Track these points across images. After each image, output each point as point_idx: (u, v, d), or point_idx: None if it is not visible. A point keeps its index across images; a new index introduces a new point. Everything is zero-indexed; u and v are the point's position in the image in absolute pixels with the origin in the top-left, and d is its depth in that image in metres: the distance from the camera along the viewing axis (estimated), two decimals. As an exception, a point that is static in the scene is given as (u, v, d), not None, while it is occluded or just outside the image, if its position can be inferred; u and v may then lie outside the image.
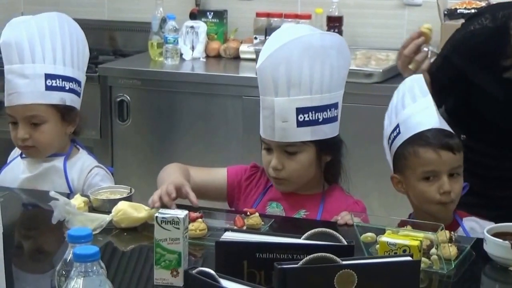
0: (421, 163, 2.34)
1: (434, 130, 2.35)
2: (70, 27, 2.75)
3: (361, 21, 4.32)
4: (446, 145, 2.33)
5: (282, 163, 2.43)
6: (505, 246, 2.04)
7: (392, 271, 1.67)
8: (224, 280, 1.53)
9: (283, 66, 2.35)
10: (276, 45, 2.37)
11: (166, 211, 1.96)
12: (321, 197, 2.50)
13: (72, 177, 2.72)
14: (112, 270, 2.06)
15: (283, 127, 2.39)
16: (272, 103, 2.39)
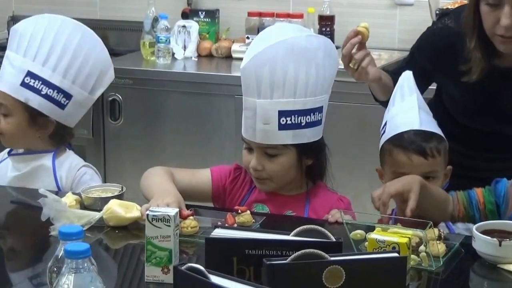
0: (394, 164, 2.38)
1: (411, 133, 2.37)
2: (84, 41, 2.71)
3: (353, 20, 4.31)
4: (418, 150, 2.34)
5: (261, 164, 2.42)
6: (493, 243, 2.05)
7: (379, 267, 1.69)
8: (214, 276, 1.54)
9: (267, 68, 2.33)
10: (261, 46, 2.35)
11: (157, 209, 1.97)
12: (306, 197, 2.51)
13: (60, 175, 2.73)
14: (103, 267, 2.06)
15: (265, 129, 2.37)
16: (254, 104, 2.37)
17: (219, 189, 2.54)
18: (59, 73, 2.67)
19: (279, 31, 2.46)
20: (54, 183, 2.71)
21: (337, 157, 3.20)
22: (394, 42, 4.27)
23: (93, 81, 2.74)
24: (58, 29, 2.68)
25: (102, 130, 4.18)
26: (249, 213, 2.32)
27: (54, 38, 2.67)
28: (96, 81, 2.75)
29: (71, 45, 2.69)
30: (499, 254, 2.05)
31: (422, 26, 4.02)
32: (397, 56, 4.04)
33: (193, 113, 4.06)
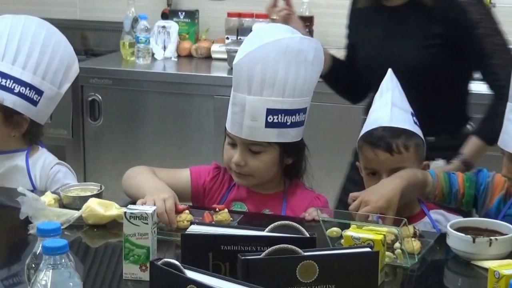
0: (364, 160, 2.43)
1: (380, 129, 2.41)
2: (49, 38, 2.73)
3: (331, 21, 4.35)
4: (384, 146, 2.38)
5: (245, 160, 2.45)
6: (467, 240, 2.07)
7: (352, 262, 1.72)
8: (189, 271, 1.56)
9: (259, 66, 2.36)
10: (255, 44, 2.38)
11: (134, 207, 1.99)
12: (283, 195, 2.53)
13: (35, 174, 2.74)
14: (81, 265, 2.09)
15: (252, 125, 2.41)
16: (244, 100, 2.40)
17: (198, 188, 2.56)
18: (30, 70, 2.69)
19: (273, 31, 2.49)
20: (29, 182, 2.72)
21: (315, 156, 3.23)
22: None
23: (61, 76, 2.77)
24: (23, 28, 2.69)
25: (82, 130, 4.19)
26: (227, 211, 2.34)
27: (21, 36, 2.68)
28: (63, 75, 2.78)
29: (38, 42, 2.70)
30: (473, 251, 2.07)
31: (399, 27, 4.09)
32: (375, 56, 4.06)
33: (173, 113, 4.08)
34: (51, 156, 2.83)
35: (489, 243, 2.06)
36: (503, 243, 2.08)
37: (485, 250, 2.06)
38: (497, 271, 1.86)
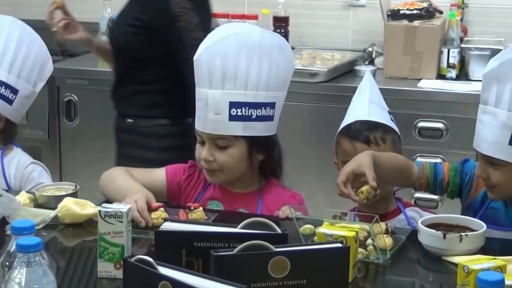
0: (342, 153, 2.47)
1: (358, 122, 2.46)
2: (23, 36, 2.76)
3: (307, 21, 4.38)
4: (362, 138, 2.43)
5: (212, 154, 2.45)
6: (438, 236, 2.11)
7: (323, 257, 1.73)
8: (163, 268, 1.57)
9: (219, 59, 2.38)
10: (214, 39, 2.41)
11: (109, 206, 2.00)
12: (259, 194, 2.54)
13: (9, 174, 2.74)
14: (56, 264, 2.09)
15: (215, 119, 2.41)
16: (206, 95, 2.41)
17: (173, 187, 2.57)
18: (5, 69, 2.70)
19: (234, 26, 2.53)
20: (4, 182, 2.72)
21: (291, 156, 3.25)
22: (347, 42, 4.33)
23: (36, 74, 2.80)
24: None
25: (58, 130, 4.18)
26: (202, 209, 2.35)
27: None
28: (38, 74, 2.80)
29: (12, 41, 2.72)
30: (444, 247, 2.11)
31: (374, 27, 4.14)
32: (350, 56, 4.10)
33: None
34: (25, 155, 2.84)
35: (460, 239, 2.09)
36: (473, 239, 2.11)
37: (456, 246, 2.09)
38: (467, 266, 1.90)
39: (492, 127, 2.23)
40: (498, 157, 2.23)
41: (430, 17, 3.90)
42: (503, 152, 2.22)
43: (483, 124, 2.26)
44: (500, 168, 2.25)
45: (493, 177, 2.27)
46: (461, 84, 3.74)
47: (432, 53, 3.83)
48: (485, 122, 2.25)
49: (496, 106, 2.22)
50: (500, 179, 2.26)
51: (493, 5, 4.11)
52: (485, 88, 2.27)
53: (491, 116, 2.24)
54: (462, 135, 3.57)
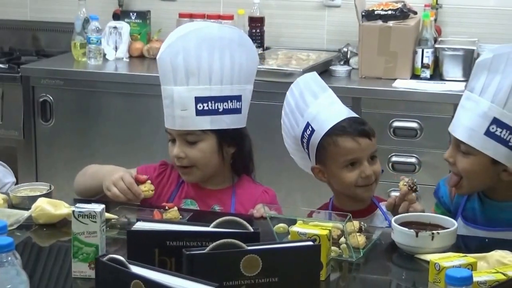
0: (342, 152, 2.43)
1: (348, 120, 2.45)
2: None
3: (282, 21, 4.40)
4: (362, 132, 2.44)
5: (183, 151, 2.48)
6: (410, 235, 2.13)
7: (295, 255, 1.75)
8: (135, 267, 1.58)
9: (181, 56, 2.41)
10: (175, 36, 2.44)
11: (83, 206, 2.00)
12: (232, 190, 2.56)
13: None
14: (30, 264, 2.09)
15: (183, 115, 2.44)
16: (172, 92, 2.45)
17: None
18: None
19: (193, 24, 2.56)
20: None
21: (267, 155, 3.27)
22: (322, 42, 4.35)
23: None
24: None
25: (33, 131, 4.16)
26: (176, 209, 2.36)
27: None
28: None
29: None
30: (416, 245, 2.13)
31: (349, 27, 4.17)
32: (325, 56, 4.12)
33: (125, 113, 4.08)
34: None
35: (432, 237, 2.11)
36: (445, 237, 2.14)
37: (428, 244, 2.11)
38: (438, 264, 1.92)
39: (472, 114, 2.26)
40: (471, 144, 2.26)
41: (404, 18, 3.92)
42: (476, 141, 2.25)
43: (464, 110, 2.29)
44: (468, 156, 2.28)
45: (460, 163, 2.30)
46: (435, 84, 3.77)
47: (407, 53, 3.86)
48: (466, 108, 2.29)
49: (481, 95, 2.26)
50: (465, 167, 2.29)
51: (467, 5, 4.14)
52: (474, 76, 2.30)
53: (474, 103, 2.27)
54: (437, 134, 3.60)
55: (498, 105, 2.23)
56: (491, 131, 2.24)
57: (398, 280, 2.15)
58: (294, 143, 2.55)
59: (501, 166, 2.27)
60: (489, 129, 2.23)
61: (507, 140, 2.23)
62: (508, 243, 2.19)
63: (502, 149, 2.24)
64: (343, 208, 2.45)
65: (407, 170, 3.67)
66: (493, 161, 2.27)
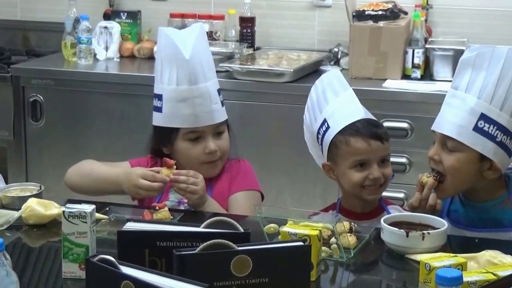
0: (352, 152, 2.43)
1: (363, 121, 2.45)
2: None
3: (273, 21, 4.40)
4: (375, 135, 2.43)
5: (217, 144, 2.55)
6: (401, 235, 2.13)
7: (285, 256, 1.75)
8: (125, 267, 1.58)
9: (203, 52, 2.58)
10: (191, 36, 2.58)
11: (73, 206, 2.00)
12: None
13: None
14: (21, 265, 2.09)
15: (216, 108, 2.56)
16: (206, 88, 2.53)
17: None
18: None
19: None
20: None
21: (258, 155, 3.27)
22: (313, 43, 4.35)
23: None
24: None
25: (24, 131, 4.15)
26: (167, 209, 2.36)
27: None
28: None
29: None
30: (406, 245, 2.13)
31: (339, 27, 4.17)
32: (315, 56, 4.12)
33: (116, 113, 4.07)
34: None
35: (422, 237, 2.12)
36: (435, 237, 2.14)
37: (418, 244, 2.12)
38: (428, 264, 1.92)
39: (459, 110, 2.28)
40: (460, 139, 2.27)
41: (395, 18, 3.93)
42: (465, 136, 2.26)
43: (450, 107, 2.31)
44: (455, 154, 2.29)
45: (446, 161, 2.31)
46: (426, 84, 3.78)
47: (397, 53, 3.87)
48: (452, 105, 2.30)
49: (467, 92, 2.28)
50: (453, 164, 2.30)
51: (457, 6, 4.16)
52: (459, 73, 2.32)
53: (460, 101, 2.28)
54: (427, 134, 3.56)
55: (485, 100, 2.25)
56: (479, 127, 2.25)
57: (389, 280, 2.15)
58: (312, 138, 2.57)
59: (486, 163, 2.29)
60: (478, 124, 2.25)
61: (494, 135, 2.25)
62: (498, 243, 2.20)
63: (490, 145, 2.26)
64: (350, 209, 2.46)
65: (398, 170, 3.67)
66: (480, 158, 2.28)
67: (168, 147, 2.61)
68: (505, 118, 2.26)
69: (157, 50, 2.65)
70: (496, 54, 2.28)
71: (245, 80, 3.79)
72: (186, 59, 2.50)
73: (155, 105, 2.63)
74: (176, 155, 2.58)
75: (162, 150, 2.63)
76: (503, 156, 2.29)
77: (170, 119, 2.56)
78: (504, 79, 2.26)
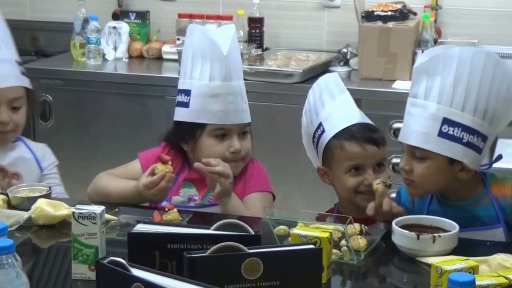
0: (347, 157, 2.43)
1: (358, 125, 2.45)
2: None
3: (281, 22, 4.39)
4: (370, 139, 2.42)
5: (241, 144, 2.55)
6: (411, 237, 2.12)
7: (296, 258, 1.74)
8: (136, 270, 1.57)
9: None
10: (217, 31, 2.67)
11: (83, 207, 1.99)
12: None
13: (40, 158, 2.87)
14: (30, 266, 2.09)
15: (245, 108, 2.58)
16: (239, 87, 2.55)
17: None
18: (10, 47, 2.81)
19: None
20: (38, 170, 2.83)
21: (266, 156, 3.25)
22: (322, 43, 4.35)
23: None
24: None
25: (33, 131, 4.15)
26: (176, 211, 2.36)
27: None
28: None
29: None
30: (417, 248, 2.12)
31: (348, 28, 4.16)
32: (325, 57, 4.11)
33: (124, 114, 4.07)
34: None
35: (433, 240, 2.11)
36: (446, 240, 2.13)
37: (429, 247, 2.11)
38: (439, 267, 1.91)
39: (421, 119, 2.26)
40: (426, 147, 2.25)
41: (404, 19, 3.92)
42: (431, 143, 2.25)
43: (412, 116, 2.29)
44: (424, 161, 2.28)
45: (417, 170, 2.29)
46: (435, 85, 3.76)
47: (406, 54, 3.86)
48: (414, 114, 2.28)
49: (426, 99, 2.26)
50: (424, 172, 2.28)
51: (467, 6, 4.14)
52: (415, 82, 2.30)
53: (420, 109, 2.27)
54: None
55: (445, 104, 2.24)
56: (443, 132, 2.24)
57: (399, 283, 2.14)
58: (309, 142, 2.56)
59: (457, 166, 2.28)
60: (442, 129, 2.24)
61: (460, 137, 2.24)
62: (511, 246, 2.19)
63: (458, 148, 2.24)
64: (348, 214, 2.44)
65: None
66: (450, 162, 2.27)
67: (190, 144, 2.59)
68: (468, 118, 2.24)
69: (187, 47, 2.61)
70: (448, 56, 2.25)
71: (253, 81, 3.79)
72: (224, 55, 2.50)
73: (180, 100, 2.59)
74: (198, 152, 2.56)
75: (181, 147, 2.62)
76: (474, 156, 2.26)
77: (198, 114, 2.54)
78: (460, 80, 2.23)
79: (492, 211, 2.34)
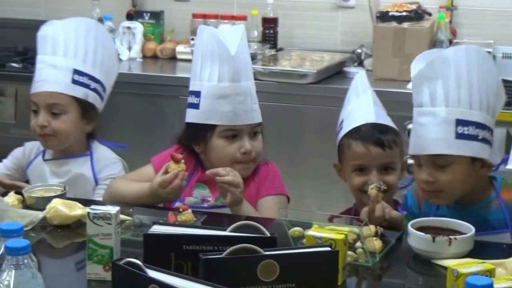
0: (352, 156, 2.44)
1: (369, 125, 2.44)
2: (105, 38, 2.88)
3: (296, 22, 4.38)
4: (376, 141, 2.42)
5: (252, 145, 2.55)
6: (427, 240, 2.11)
7: (312, 261, 1.74)
8: (152, 271, 1.57)
9: None
10: None
11: (98, 207, 1.99)
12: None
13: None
14: (45, 265, 2.09)
15: (255, 108, 2.56)
16: (248, 87, 2.54)
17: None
18: (98, 67, 2.80)
19: None
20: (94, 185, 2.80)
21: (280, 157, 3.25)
22: (336, 43, 4.33)
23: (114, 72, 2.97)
24: (86, 28, 2.81)
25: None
26: (191, 211, 2.36)
27: (86, 36, 2.80)
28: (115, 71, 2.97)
29: (98, 41, 2.82)
30: (433, 250, 2.11)
31: (363, 28, 4.15)
32: (339, 57, 4.10)
33: (138, 114, 4.07)
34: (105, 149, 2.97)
35: (449, 242, 2.10)
36: (462, 242, 2.12)
37: (445, 249, 2.10)
38: (455, 270, 1.90)
39: (433, 126, 2.25)
40: (448, 152, 2.24)
41: (419, 19, 3.91)
42: (451, 147, 2.24)
43: (423, 126, 2.27)
44: (448, 168, 2.26)
45: (443, 178, 2.27)
46: (450, 86, 3.74)
47: (421, 55, 3.84)
48: (425, 124, 2.26)
49: (432, 105, 2.25)
50: (449, 178, 2.26)
51: (482, 7, 4.12)
52: (417, 90, 2.29)
53: (430, 116, 2.25)
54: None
55: (454, 106, 2.23)
56: (460, 133, 2.23)
57: (415, 285, 2.13)
58: None
59: (478, 163, 2.27)
60: (457, 131, 2.23)
61: (476, 135, 2.24)
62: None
63: (476, 145, 2.24)
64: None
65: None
66: (471, 161, 2.26)
67: (201, 145, 2.59)
68: (477, 114, 2.24)
69: (197, 48, 2.62)
70: (444, 59, 2.25)
71: (267, 81, 3.78)
72: (232, 56, 2.50)
73: (191, 102, 2.59)
74: (210, 153, 2.57)
75: (193, 148, 2.61)
76: (490, 150, 2.28)
77: (207, 115, 2.54)
78: (461, 79, 2.23)
79: (501, 216, 2.33)
